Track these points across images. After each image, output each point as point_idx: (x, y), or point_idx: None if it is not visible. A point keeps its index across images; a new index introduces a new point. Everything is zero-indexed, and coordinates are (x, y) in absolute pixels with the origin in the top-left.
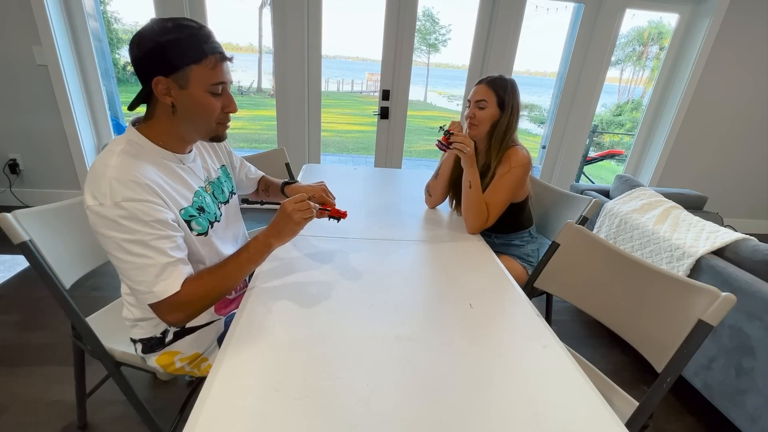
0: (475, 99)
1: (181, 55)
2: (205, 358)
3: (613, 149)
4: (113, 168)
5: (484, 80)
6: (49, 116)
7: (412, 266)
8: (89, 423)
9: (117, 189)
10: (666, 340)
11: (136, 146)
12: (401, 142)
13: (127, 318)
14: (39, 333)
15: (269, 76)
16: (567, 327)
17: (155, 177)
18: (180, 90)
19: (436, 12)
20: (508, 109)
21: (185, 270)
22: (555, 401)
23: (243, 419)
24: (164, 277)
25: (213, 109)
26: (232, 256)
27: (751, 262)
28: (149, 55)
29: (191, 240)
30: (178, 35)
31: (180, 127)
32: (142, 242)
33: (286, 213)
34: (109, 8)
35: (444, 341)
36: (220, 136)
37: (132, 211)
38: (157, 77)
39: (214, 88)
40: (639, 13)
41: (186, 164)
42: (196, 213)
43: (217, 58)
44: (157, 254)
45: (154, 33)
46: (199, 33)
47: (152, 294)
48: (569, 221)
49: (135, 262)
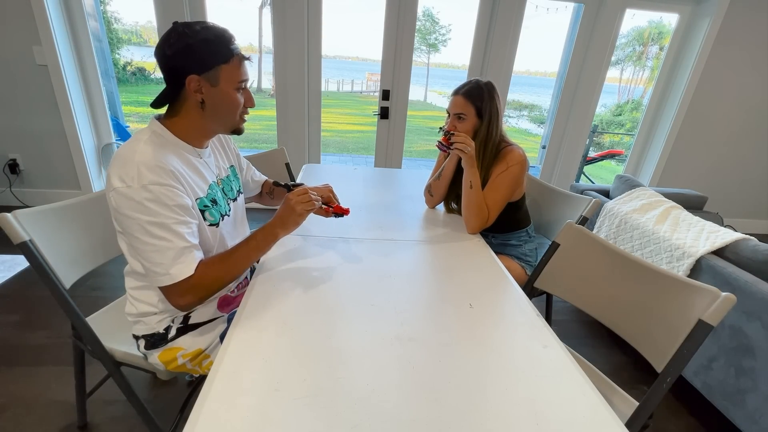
0: (453, 112)
1: (213, 55)
2: (207, 355)
3: (613, 149)
4: (141, 153)
5: (459, 91)
6: (49, 116)
7: (412, 266)
8: (89, 423)
9: (144, 173)
10: (666, 340)
11: (159, 137)
12: (401, 142)
13: (130, 313)
14: (39, 333)
15: (269, 76)
16: (567, 327)
17: (177, 165)
18: (211, 87)
19: (436, 12)
20: (485, 117)
21: (198, 255)
22: (555, 401)
23: (243, 419)
24: (181, 261)
25: (238, 104)
26: (240, 243)
27: (751, 262)
28: (181, 54)
29: (203, 228)
30: (207, 36)
31: (207, 122)
32: (164, 225)
33: (290, 204)
34: (109, 8)
35: (444, 341)
36: (241, 129)
37: (157, 194)
38: (190, 75)
39: (240, 85)
40: (639, 13)
41: (203, 158)
42: (209, 204)
43: (240, 57)
44: (177, 238)
45: (182, 36)
46: (224, 35)
47: (168, 276)
48: (569, 221)
49: (156, 245)
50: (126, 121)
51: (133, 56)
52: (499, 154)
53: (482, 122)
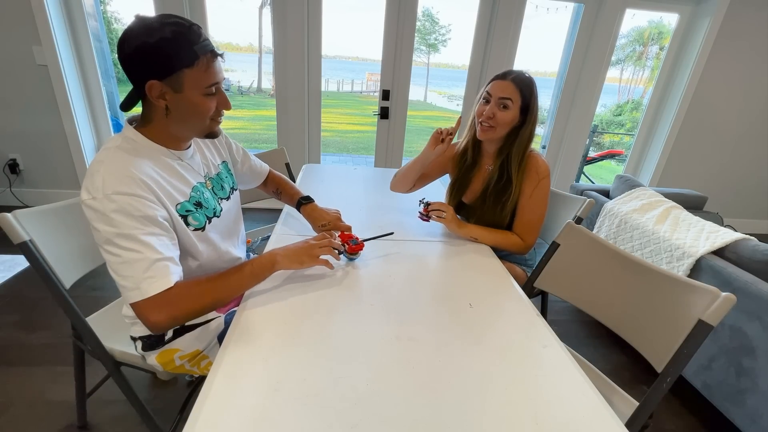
0: (498, 95)
1: (172, 58)
2: (206, 355)
3: (613, 149)
4: (108, 162)
5: (508, 76)
6: (49, 116)
7: (412, 266)
8: (89, 423)
9: (109, 182)
10: (666, 340)
11: (132, 143)
12: (401, 142)
13: (127, 315)
14: (39, 333)
15: (269, 76)
16: (567, 327)
17: (150, 172)
18: (174, 93)
19: (435, 12)
20: (531, 117)
21: (175, 270)
22: (555, 401)
23: (243, 419)
24: (151, 274)
25: (207, 110)
26: (235, 267)
27: (751, 262)
28: (138, 56)
29: (187, 235)
30: (165, 35)
31: (174, 128)
32: (131, 236)
33: (309, 245)
34: (109, 8)
35: (444, 341)
36: (214, 133)
37: (122, 204)
38: (150, 81)
39: (209, 90)
40: (639, 13)
41: (184, 160)
42: (192, 208)
43: (208, 58)
44: (146, 249)
45: (141, 33)
46: (188, 32)
47: (138, 291)
48: (569, 221)
49: (122, 256)
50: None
51: None
52: (523, 159)
53: (526, 121)
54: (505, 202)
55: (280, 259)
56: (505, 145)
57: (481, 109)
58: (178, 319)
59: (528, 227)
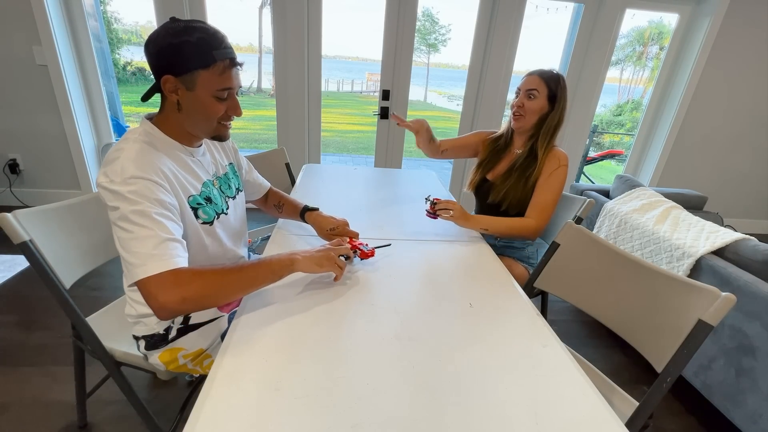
0: (526, 88)
1: (190, 58)
2: (209, 354)
3: (613, 149)
4: (126, 151)
5: (535, 72)
6: (49, 116)
7: (412, 266)
8: (89, 423)
9: (128, 168)
10: (666, 340)
11: (150, 137)
12: (401, 142)
13: (130, 315)
14: (39, 333)
15: (269, 76)
16: (567, 327)
17: (167, 162)
18: (186, 91)
19: (435, 12)
20: (559, 104)
21: (183, 254)
22: (555, 401)
23: (243, 419)
24: (161, 252)
25: (215, 113)
26: (251, 262)
27: (751, 262)
28: (160, 53)
29: (196, 227)
30: (188, 38)
31: (184, 123)
32: (145, 213)
33: (329, 251)
34: (109, 8)
35: (444, 341)
36: (222, 136)
37: (139, 187)
38: (166, 75)
39: (220, 93)
40: (639, 13)
41: (196, 157)
42: (203, 202)
43: (226, 63)
44: (158, 228)
45: (167, 33)
46: (210, 38)
47: (143, 268)
48: (569, 221)
49: (134, 232)
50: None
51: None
52: (551, 141)
53: (554, 108)
54: (528, 177)
55: (300, 260)
56: (535, 133)
57: (513, 102)
58: (188, 302)
59: (541, 207)
